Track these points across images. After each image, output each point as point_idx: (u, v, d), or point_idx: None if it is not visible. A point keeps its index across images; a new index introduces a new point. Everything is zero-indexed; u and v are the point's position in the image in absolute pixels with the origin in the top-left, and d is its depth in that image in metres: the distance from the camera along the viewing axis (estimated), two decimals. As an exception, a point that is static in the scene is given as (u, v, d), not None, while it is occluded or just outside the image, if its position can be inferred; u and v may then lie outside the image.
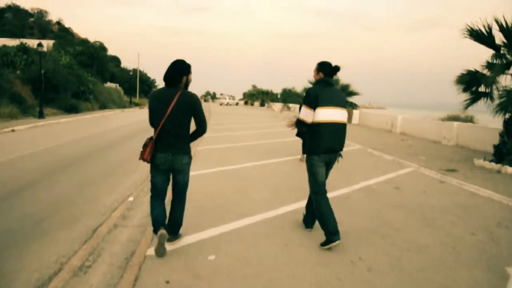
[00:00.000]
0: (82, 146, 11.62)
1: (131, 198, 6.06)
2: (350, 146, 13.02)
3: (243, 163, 9.28)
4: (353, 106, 26.41)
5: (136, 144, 12.15)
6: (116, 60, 76.71)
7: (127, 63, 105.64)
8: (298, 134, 6.46)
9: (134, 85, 64.25)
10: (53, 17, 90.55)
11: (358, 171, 8.90)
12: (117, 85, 52.54)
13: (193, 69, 3.87)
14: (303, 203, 5.23)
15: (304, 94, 4.52)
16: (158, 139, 3.71)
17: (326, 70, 4.33)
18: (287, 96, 64.68)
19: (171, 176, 3.94)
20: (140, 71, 75.39)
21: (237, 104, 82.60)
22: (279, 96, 74.87)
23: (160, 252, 3.81)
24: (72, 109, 26.36)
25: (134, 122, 22.09)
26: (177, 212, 4.04)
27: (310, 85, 27.67)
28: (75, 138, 13.48)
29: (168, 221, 4.03)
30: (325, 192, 4.34)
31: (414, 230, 4.98)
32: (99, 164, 8.89)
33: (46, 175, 7.39)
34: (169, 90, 3.69)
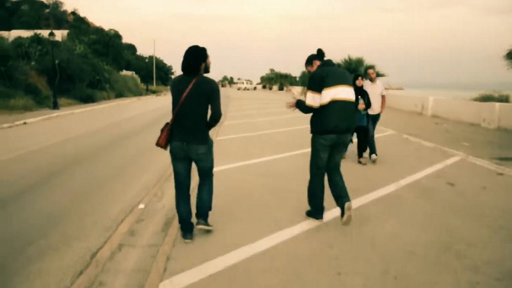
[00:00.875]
0: (92, 140, 10.82)
1: (141, 205, 5.15)
2: (382, 132, 11.90)
3: (270, 155, 8.32)
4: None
5: (151, 136, 11.28)
6: (131, 48, 76.19)
7: (143, 51, 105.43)
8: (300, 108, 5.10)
9: (151, 72, 63.61)
10: (68, 7, 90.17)
11: (401, 163, 7.83)
12: (133, 73, 51.97)
13: (210, 55, 3.80)
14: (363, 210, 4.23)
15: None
16: (174, 126, 3.68)
17: (318, 57, 4.40)
18: (307, 79, 62.89)
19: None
20: (156, 58, 74.71)
21: (255, 88, 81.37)
22: (297, 79, 73.31)
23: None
24: (87, 99, 25.82)
25: (151, 110, 21.30)
26: (203, 195, 3.96)
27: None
28: (87, 130, 12.72)
29: (196, 206, 4.00)
30: (323, 173, 4.38)
31: (494, 246, 3.94)
32: (107, 162, 8.04)
33: (44, 179, 6.50)
34: (186, 77, 3.64)
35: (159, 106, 24.37)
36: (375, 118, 8.09)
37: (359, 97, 7.21)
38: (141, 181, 6.49)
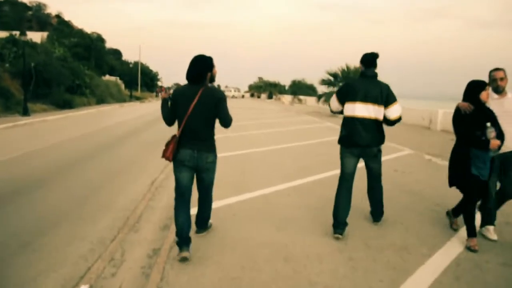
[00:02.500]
0: (56, 155, 8.97)
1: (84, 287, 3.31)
2: (398, 151, 10.32)
3: (270, 185, 6.57)
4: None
5: (126, 152, 9.54)
6: (117, 53, 74.20)
7: (129, 56, 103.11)
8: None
9: (136, 78, 61.65)
10: (52, 10, 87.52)
11: (445, 199, 6.12)
12: (117, 78, 50.05)
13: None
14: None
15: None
16: (182, 136, 3.60)
17: (363, 61, 4.29)
18: (297, 88, 61.77)
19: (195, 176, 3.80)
20: (142, 63, 72.79)
21: (242, 96, 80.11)
22: (286, 88, 71.99)
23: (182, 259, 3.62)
24: (65, 105, 23.87)
25: (132, 119, 19.44)
26: (204, 211, 4.11)
27: (328, 76, 25.37)
28: (55, 142, 10.84)
29: (196, 218, 4.08)
30: (348, 184, 4.42)
31: None
32: (67, 190, 6.23)
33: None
34: (192, 86, 3.60)
35: (142, 114, 22.59)
36: (506, 159, 4.33)
37: (488, 124, 3.87)
38: (108, 218, 4.72)
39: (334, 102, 4.47)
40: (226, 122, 3.69)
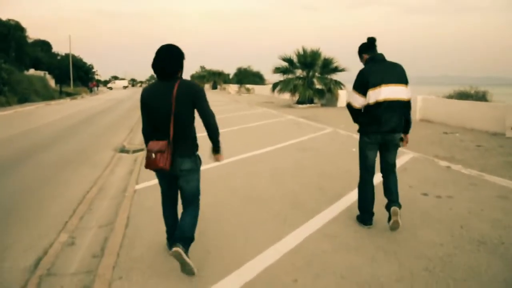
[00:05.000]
0: None
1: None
2: (399, 155, 7.94)
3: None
4: (338, 85, 21.40)
5: (25, 177, 6.39)
6: (46, 45, 67.39)
7: (62, 48, 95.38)
8: (355, 121, 4.39)
9: (67, 72, 56.16)
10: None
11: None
12: (46, 73, 44.78)
13: (133, 53, 0.71)
14: None
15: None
16: (152, 139, 3.19)
17: (367, 49, 4.15)
18: (243, 76, 59.02)
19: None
20: (74, 56, 66.74)
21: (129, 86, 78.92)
22: (231, 76, 69.05)
23: (187, 270, 3.10)
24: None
25: (55, 121, 15.70)
26: (185, 225, 3.24)
27: (282, 62, 22.78)
28: None
29: (177, 228, 3.27)
30: (371, 175, 4.30)
31: None
32: None
33: None
34: (165, 82, 3.10)
35: (69, 114, 18.88)
36: None
37: None
38: None
39: (357, 98, 4.04)
40: (209, 120, 3.17)
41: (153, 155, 3.06)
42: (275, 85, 23.17)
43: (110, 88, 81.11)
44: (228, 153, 8.38)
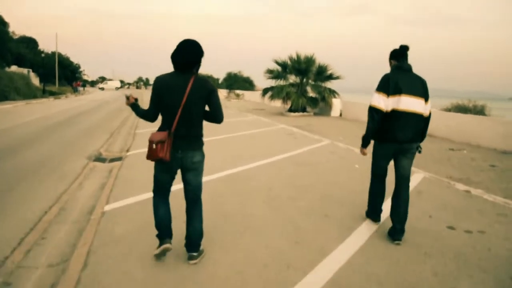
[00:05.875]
0: None
1: None
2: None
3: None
4: (332, 93, 20.59)
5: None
6: (32, 41, 65.75)
7: (49, 47, 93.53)
8: (366, 138, 4.27)
9: (53, 70, 54.68)
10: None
11: None
12: (30, 70, 43.29)
13: (124, 55, 0.79)
14: None
15: None
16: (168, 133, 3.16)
17: (397, 56, 4.11)
18: (233, 82, 58.02)
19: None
20: (61, 54, 65.23)
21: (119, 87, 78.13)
22: (220, 81, 68.08)
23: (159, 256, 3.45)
24: None
25: (30, 122, 14.47)
26: (195, 221, 3.47)
27: (276, 66, 21.88)
28: None
29: (186, 236, 3.50)
30: (383, 182, 4.37)
31: None
32: None
33: None
34: (180, 75, 3.17)
35: (47, 114, 17.70)
36: None
37: None
38: None
39: (382, 99, 3.92)
40: (219, 116, 3.33)
41: (154, 146, 3.10)
42: (265, 90, 22.25)
43: (102, 89, 79.63)
44: (216, 166, 7.46)
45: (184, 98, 3.11)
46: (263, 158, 8.29)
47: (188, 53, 3.16)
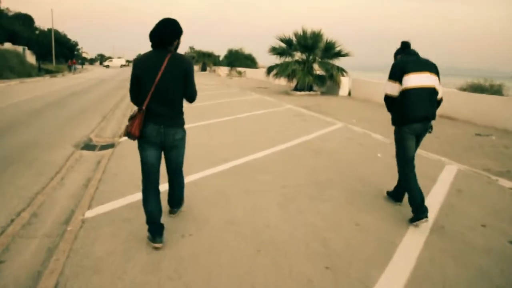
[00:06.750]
0: None
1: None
2: (438, 165, 6.20)
3: None
4: (340, 71, 19.47)
5: None
6: (28, 18, 64.01)
7: (46, 24, 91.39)
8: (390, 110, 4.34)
9: (49, 48, 53.28)
10: None
11: None
12: (25, 48, 42.00)
13: (124, 33, 0.83)
14: None
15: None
16: (147, 110, 3.18)
17: (401, 52, 4.23)
18: (234, 59, 56.55)
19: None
20: (58, 32, 63.50)
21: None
22: (221, 58, 66.56)
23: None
24: None
25: (19, 103, 13.46)
26: (175, 191, 3.81)
27: (280, 43, 20.70)
28: None
29: (168, 199, 3.87)
30: (413, 167, 4.15)
31: None
32: None
33: None
34: (157, 53, 3.16)
35: (41, 94, 16.71)
36: None
37: None
38: None
39: (394, 86, 4.04)
40: (193, 95, 3.38)
41: (128, 123, 3.17)
42: (270, 69, 21.13)
43: (107, 66, 78.98)
44: (218, 156, 6.52)
45: (158, 76, 3.10)
46: (272, 145, 7.35)
47: (164, 31, 3.15)
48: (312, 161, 6.40)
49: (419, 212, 3.90)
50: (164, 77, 3.11)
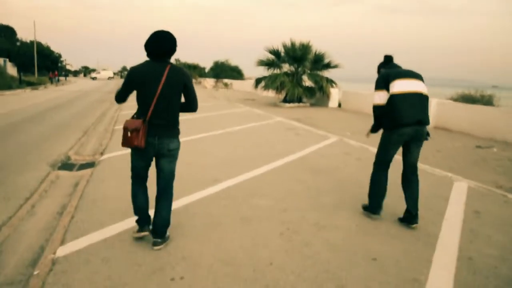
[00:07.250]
0: None
1: None
2: (445, 182, 5.74)
3: None
4: (330, 82, 19.13)
5: None
6: (9, 30, 62.88)
7: (29, 36, 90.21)
8: (374, 129, 4.48)
9: (32, 60, 52.34)
10: None
11: None
12: (6, 60, 41.14)
13: (108, 45, 1.03)
14: None
15: None
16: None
17: (384, 66, 4.30)
18: (220, 71, 56.21)
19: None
20: (40, 44, 62.46)
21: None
22: (207, 70, 66.18)
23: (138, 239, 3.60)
24: None
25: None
26: (163, 210, 3.50)
27: (268, 55, 20.26)
28: None
29: (153, 222, 3.55)
30: (386, 168, 4.24)
31: None
32: None
33: None
34: (156, 64, 3.22)
35: (19, 108, 15.92)
36: None
37: None
38: None
39: (381, 96, 4.08)
40: (194, 105, 3.48)
41: (129, 134, 3.16)
42: (258, 81, 20.68)
43: (95, 78, 77.98)
44: (209, 176, 5.93)
45: (159, 87, 3.15)
46: (266, 162, 6.82)
47: (165, 43, 3.19)
48: (312, 180, 5.89)
49: (374, 208, 4.29)
50: (164, 89, 3.17)
